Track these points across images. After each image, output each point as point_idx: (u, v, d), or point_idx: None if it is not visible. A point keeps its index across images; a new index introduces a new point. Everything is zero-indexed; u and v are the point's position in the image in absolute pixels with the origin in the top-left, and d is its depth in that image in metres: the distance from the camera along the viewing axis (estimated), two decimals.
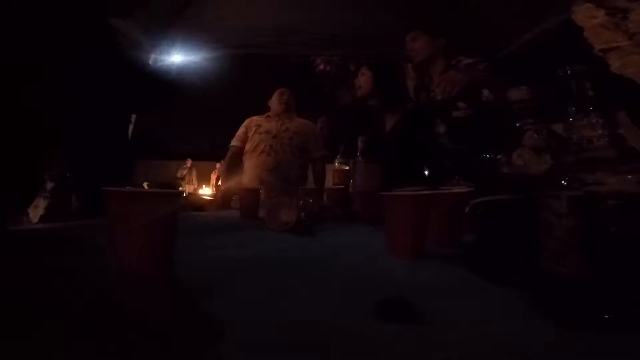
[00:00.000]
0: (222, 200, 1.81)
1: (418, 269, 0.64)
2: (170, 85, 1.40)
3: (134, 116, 1.94)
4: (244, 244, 0.87)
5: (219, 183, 2.25)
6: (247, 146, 2.24)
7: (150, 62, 2.16)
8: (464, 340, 0.37)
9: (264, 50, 2.92)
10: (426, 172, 1.66)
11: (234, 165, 2.30)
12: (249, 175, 2.18)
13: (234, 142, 2.30)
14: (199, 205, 1.69)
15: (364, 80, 1.86)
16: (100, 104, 1.06)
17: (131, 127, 1.90)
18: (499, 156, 0.71)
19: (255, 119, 2.31)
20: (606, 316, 0.38)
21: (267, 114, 2.31)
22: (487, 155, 0.76)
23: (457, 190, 0.89)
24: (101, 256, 0.59)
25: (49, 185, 1.54)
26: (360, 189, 1.26)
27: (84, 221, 1.11)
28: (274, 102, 2.28)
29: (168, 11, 2.45)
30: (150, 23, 2.49)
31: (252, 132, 2.24)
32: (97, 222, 0.96)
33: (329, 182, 1.89)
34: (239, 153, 2.29)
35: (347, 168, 1.62)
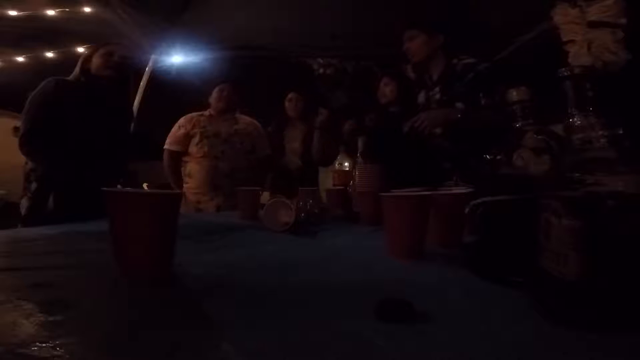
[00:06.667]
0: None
1: (418, 269, 0.65)
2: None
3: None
4: (244, 244, 0.88)
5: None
6: (193, 150, 2.09)
7: (150, 62, 2.15)
8: (463, 340, 0.37)
9: (264, 52, 2.92)
10: (426, 173, 1.66)
11: (178, 170, 2.16)
12: (197, 180, 2.07)
13: (173, 147, 2.12)
14: None
15: (389, 90, 2.02)
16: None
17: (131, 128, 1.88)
18: (498, 157, 0.71)
19: (195, 118, 2.15)
20: (606, 316, 0.38)
21: (208, 111, 2.19)
22: (487, 156, 0.76)
23: (457, 190, 0.89)
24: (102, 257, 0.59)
25: (33, 185, 1.51)
26: (360, 190, 1.26)
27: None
28: (213, 99, 2.16)
29: (168, 12, 2.45)
30: (151, 24, 2.49)
31: (197, 135, 2.09)
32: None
33: (329, 183, 1.88)
34: (179, 158, 2.15)
35: (347, 168, 1.62)
